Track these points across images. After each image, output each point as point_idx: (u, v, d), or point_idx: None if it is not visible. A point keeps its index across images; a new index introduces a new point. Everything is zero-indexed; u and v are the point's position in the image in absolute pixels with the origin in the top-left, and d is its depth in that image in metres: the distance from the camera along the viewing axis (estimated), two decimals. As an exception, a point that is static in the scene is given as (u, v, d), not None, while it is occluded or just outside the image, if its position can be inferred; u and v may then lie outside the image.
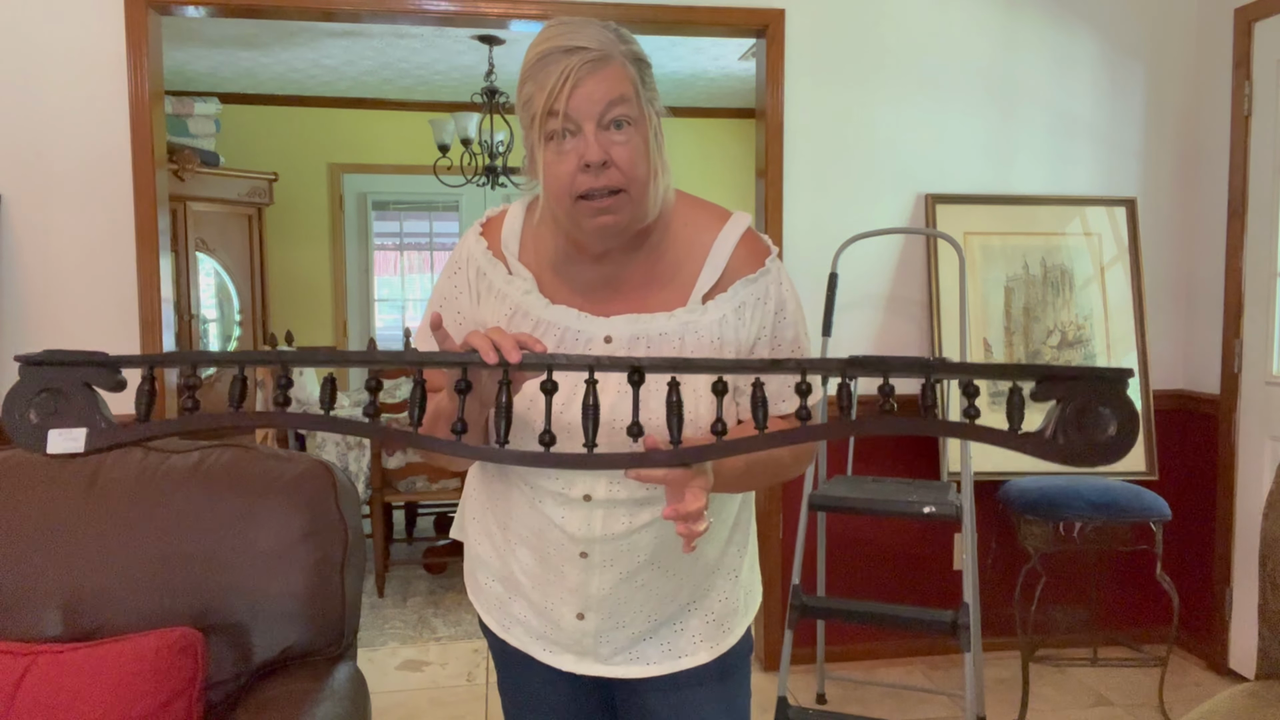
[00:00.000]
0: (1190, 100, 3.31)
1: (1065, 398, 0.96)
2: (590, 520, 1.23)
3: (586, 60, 1.08)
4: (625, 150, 1.11)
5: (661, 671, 1.32)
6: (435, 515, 4.88)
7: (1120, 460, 0.97)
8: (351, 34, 4.73)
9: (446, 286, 1.30)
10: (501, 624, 1.36)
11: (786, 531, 3.15)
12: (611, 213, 1.13)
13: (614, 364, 1.03)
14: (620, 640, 1.30)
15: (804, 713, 2.66)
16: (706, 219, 1.26)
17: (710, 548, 1.31)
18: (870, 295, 3.18)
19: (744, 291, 1.22)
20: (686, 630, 1.32)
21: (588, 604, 1.27)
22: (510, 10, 2.92)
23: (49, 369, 0.99)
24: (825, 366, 1.03)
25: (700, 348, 1.20)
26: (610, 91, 1.09)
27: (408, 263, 6.69)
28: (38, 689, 1.41)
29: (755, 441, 1.01)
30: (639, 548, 1.25)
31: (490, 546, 1.34)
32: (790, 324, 1.26)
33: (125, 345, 2.81)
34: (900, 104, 3.16)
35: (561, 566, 1.26)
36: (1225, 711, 1.65)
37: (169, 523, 1.61)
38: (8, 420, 0.99)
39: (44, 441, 1.00)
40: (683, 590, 1.31)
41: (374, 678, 3.14)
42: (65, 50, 2.75)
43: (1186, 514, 3.29)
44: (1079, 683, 3.12)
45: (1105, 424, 0.96)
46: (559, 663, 1.33)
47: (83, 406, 1.00)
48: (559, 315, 1.22)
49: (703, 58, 5.21)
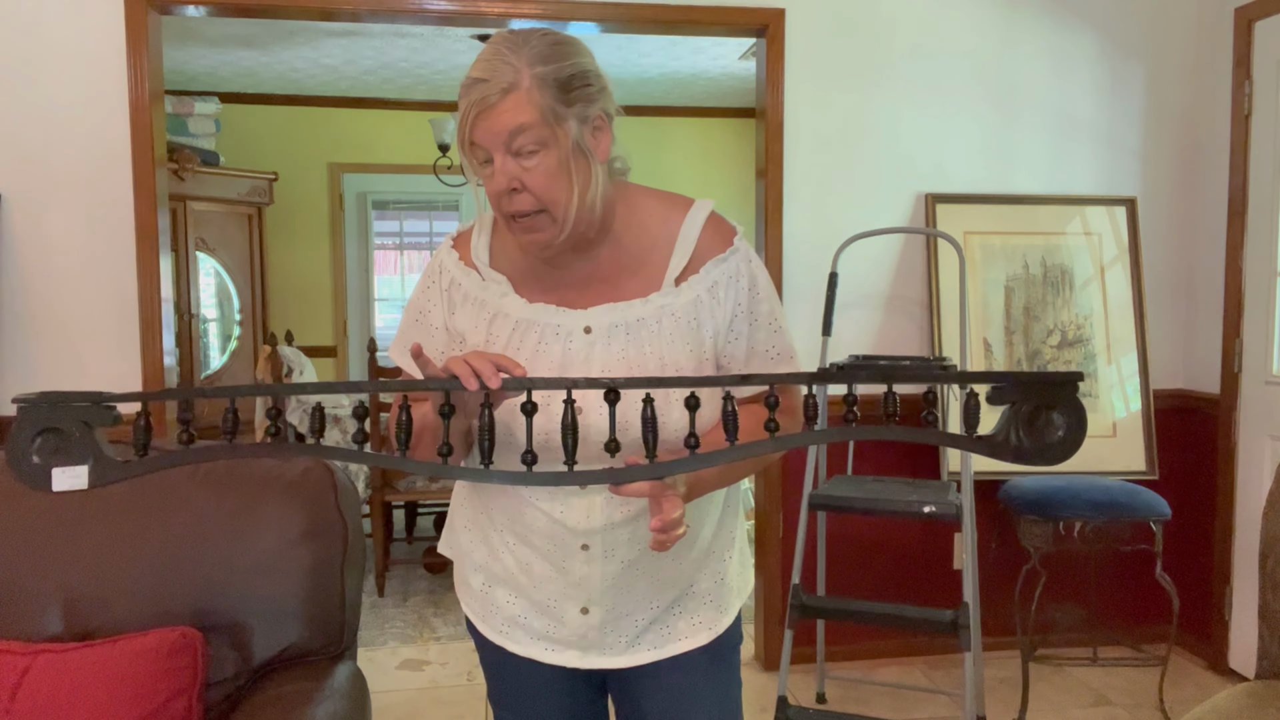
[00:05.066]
0: (1190, 100, 3.31)
1: (1018, 401, 1.02)
2: (590, 511, 1.25)
3: (486, 94, 1.12)
4: (535, 175, 1.15)
5: (661, 656, 1.33)
6: (435, 515, 4.88)
7: (1069, 459, 1.03)
8: (351, 33, 4.73)
9: (421, 300, 1.33)
10: (499, 630, 1.36)
11: (786, 531, 3.15)
12: (536, 230, 1.19)
13: (590, 384, 1.07)
14: (624, 630, 1.31)
15: (804, 712, 2.66)
16: (669, 207, 1.30)
17: (704, 530, 1.34)
18: (870, 295, 3.18)
19: (715, 271, 1.26)
20: (685, 614, 1.34)
21: (591, 597, 1.29)
22: (510, 10, 2.92)
23: (47, 409, 1.02)
24: (796, 379, 1.12)
25: (678, 328, 1.24)
26: (510, 122, 1.13)
27: (408, 262, 6.70)
28: (38, 689, 1.41)
29: (726, 454, 1.06)
30: (639, 536, 1.26)
31: (488, 551, 1.35)
32: (764, 299, 1.29)
33: (125, 345, 2.82)
34: (900, 103, 3.16)
35: (564, 562, 1.28)
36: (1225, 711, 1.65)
37: (169, 522, 1.61)
38: (12, 461, 1.03)
39: (49, 481, 1.03)
40: (681, 575, 1.33)
41: (374, 677, 3.14)
42: (65, 50, 2.75)
43: (1186, 514, 3.29)
44: (1079, 682, 3.12)
45: (1055, 426, 1.02)
46: (562, 660, 1.33)
47: (83, 444, 1.03)
48: (538, 313, 1.25)
49: (703, 57, 5.21)
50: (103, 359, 2.81)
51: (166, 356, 2.85)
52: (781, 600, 3.17)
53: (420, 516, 5.06)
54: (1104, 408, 3.16)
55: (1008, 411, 1.03)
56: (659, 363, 1.23)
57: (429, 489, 4.02)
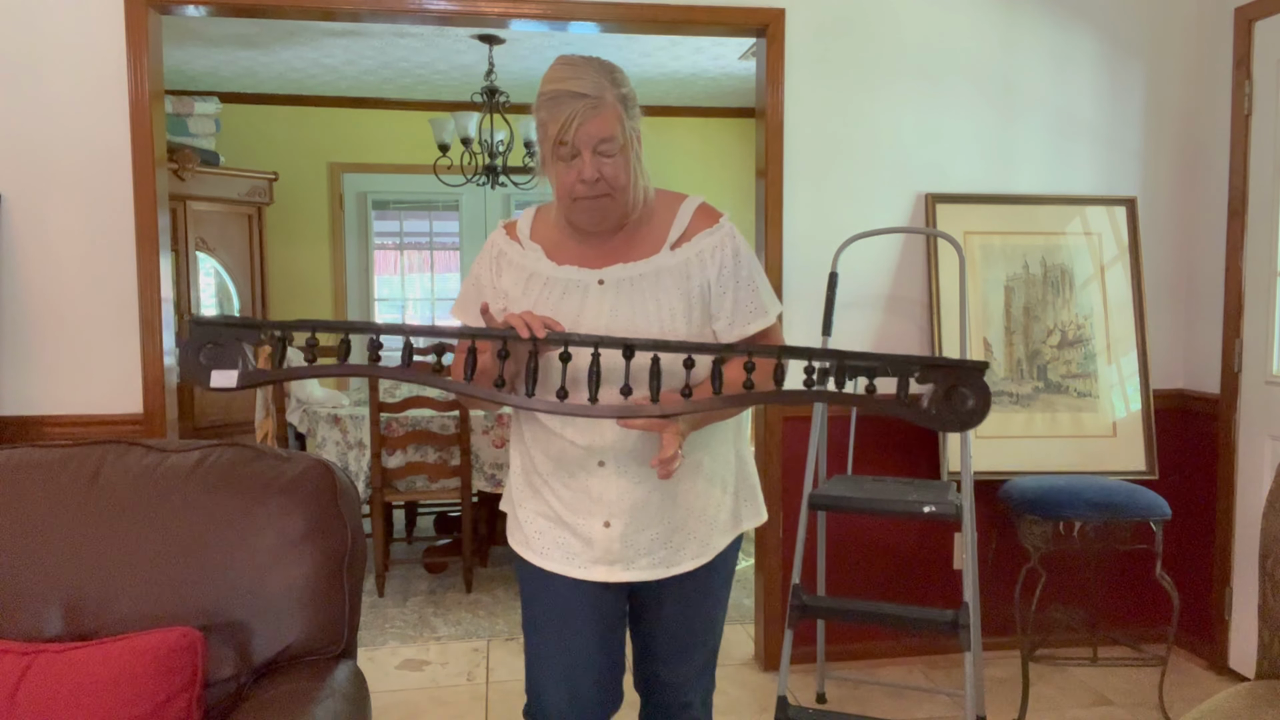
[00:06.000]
0: (1190, 100, 3.31)
1: (940, 381, 1.35)
2: (602, 433, 1.59)
3: (588, 106, 1.50)
4: (611, 168, 1.55)
5: (676, 571, 1.66)
6: (435, 515, 4.88)
7: (978, 426, 1.37)
8: (351, 33, 4.73)
9: (478, 269, 1.74)
10: (541, 553, 1.68)
11: (787, 531, 3.15)
12: (601, 209, 1.59)
13: (613, 343, 1.43)
14: (641, 543, 1.64)
15: (804, 712, 2.66)
16: (671, 198, 1.70)
17: (711, 460, 1.68)
18: (870, 295, 3.18)
19: (704, 241, 1.64)
20: (695, 536, 1.67)
21: (611, 511, 1.62)
22: (510, 10, 2.92)
23: (213, 329, 1.39)
24: (768, 352, 1.45)
25: (672, 281, 1.61)
26: (602, 130, 1.52)
27: (408, 262, 6.69)
28: (38, 689, 1.42)
29: (712, 402, 1.45)
30: (648, 453, 1.58)
31: (530, 490, 1.70)
32: (745, 265, 1.65)
33: (125, 344, 2.82)
34: (900, 103, 3.16)
35: (586, 482, 1.63)
36: (1225, 711, 1.65)
37: (169, 522, 1.61)
38: (181, 362, 1.40)
39: (209, 378, 1.38)
40: (685, 497, 1.65)
41: (374, 677, 3.14)
42: (65, 50, 2.75)
43: (1186, 513, 3.30)
44: (1079, 682, 3.13)
45: (966, 399, 1.35)
46: (592, 575, 1.65)
47: (236, 356, 1.39)
48: (564, 271, 1.64)
49: (703, 57, 5.21)
50: (103, 359, 2.82)
51: (166, 356, 2.85)
52: (781, 600, 3.17)
53: (420, 517, 5.06)
54: (1104, 408, 3.16)
55: (930, 389, 1.36)
56: (655, 305, 1.59)
57: (429, 489, 4.02)
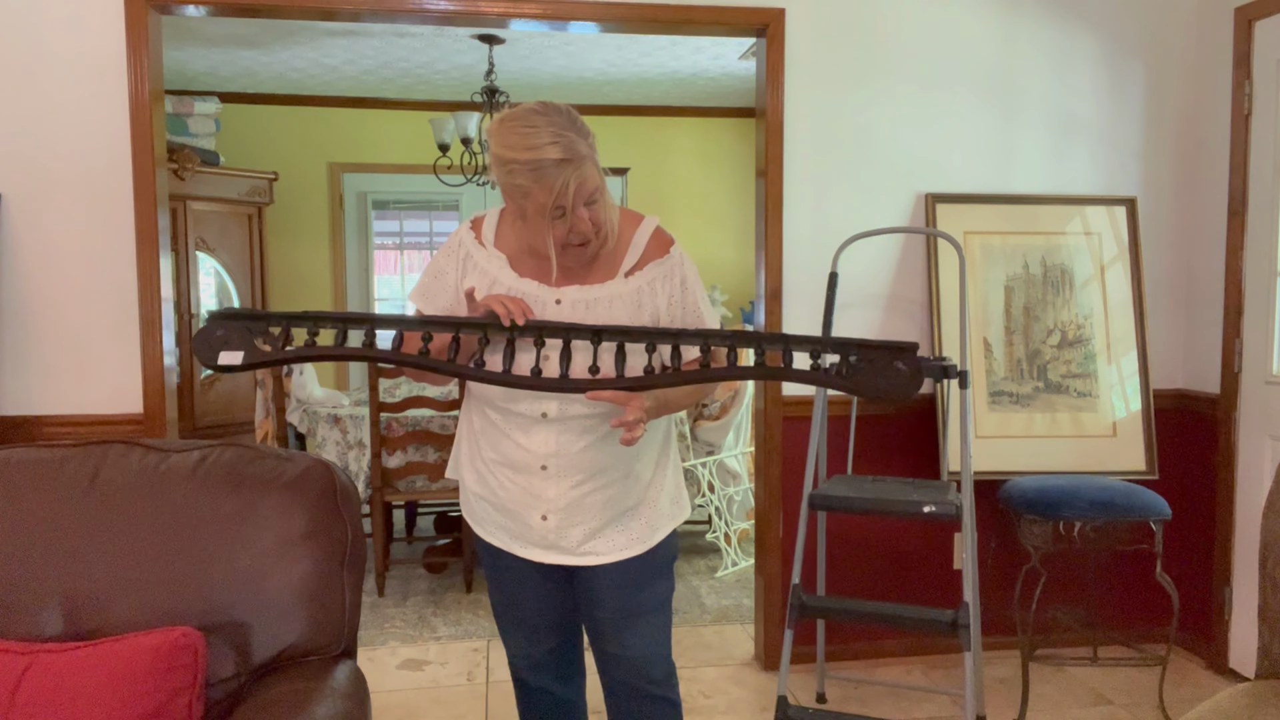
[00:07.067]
0: (1190, 100, 3.31)
1: (874, 360, 1.57)
2: (548, 439, 1.73)
3: (573, 169, 1.59)
4: (598, 212, 1.67)
5: (606, 560, 1.80)
6: (435, 515, 4.88)
7: (909, 397, 1.54)
8: (351, 33, 4.73)
9: (442, 262, 1.81)
10: (488, 531, 1.87)
11: (786, 531, 3.15)
12: (591, 251, 1.72)
13: (583, 331, 1.63)
14: (576, 536, 1.78)
15: (804, 712, 2.66)
16: (629, 220, 1.79)
17: (643, 468, 1.82)
18: (870, 295, 3.18)
19: (656, 270, 1.76)
20: (626, 531, 1.81)
21: (549, 507, 1.76)
22: (510, 10, 2.92)
23: (224, 319, 1.64)
24: (721, 337, 1.65)
25: (624, 307, 1.73)
26: (589, 185, 1.63)
27: (408, 262, 6.70)
28: (38, 689, 1.42)
29: (670, 378, 1.64)
30: (585, 463, 1.74)
31: (476, 475, 1.84)
32: (690, 292, 1.79)
33: (125, 344, 2.82)
34: (900, 103, 3.16)
35: (529, 480, 1.76)
36: (1225, 711, 1.65)
37: (169, 522, 1.61)
38: (196, 345, 1.63)
39: (217, 359, 1.61)
40: (623, 498, 1.79)
41: (374, 677, 3.14)
42: (65, 50, 2.75)
43: (1186, 513, 3.30)
44: (1079, 682, 3.13)
45: (900, 373, 1.55)
46: (529, 555, 1.82)
47: (242, 341, 1.63)
48: (525, 285, 1.74)
49: (703, 57, 5.21)
50: (103, 358, 2.81)
51: (166, 356, 2.85)
52: (781, 600, 3.17)
53: (420, 517, 5.06)
54: (1104, 408, 3.16)
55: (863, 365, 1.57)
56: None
57: (429, 489, 4.02)
